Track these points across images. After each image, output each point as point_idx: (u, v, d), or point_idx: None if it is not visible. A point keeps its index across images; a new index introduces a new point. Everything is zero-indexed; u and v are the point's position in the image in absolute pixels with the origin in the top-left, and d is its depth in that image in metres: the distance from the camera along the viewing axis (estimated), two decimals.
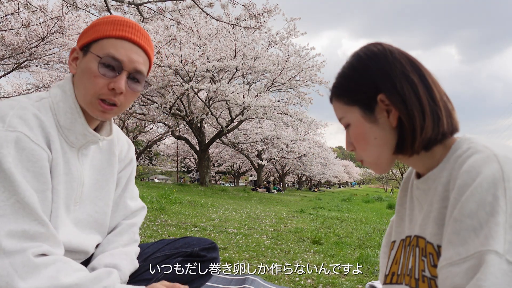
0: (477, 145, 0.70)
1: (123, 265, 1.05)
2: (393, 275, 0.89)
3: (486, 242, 0.59)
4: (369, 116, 0.79)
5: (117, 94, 0.96)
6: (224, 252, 2.85)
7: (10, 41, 8.86)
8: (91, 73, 0.94)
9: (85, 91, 0.95)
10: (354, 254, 3.09)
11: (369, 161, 0.84)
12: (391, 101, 0.76)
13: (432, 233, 0.74)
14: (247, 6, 4.98)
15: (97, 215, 1.08)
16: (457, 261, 0.62)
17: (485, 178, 0.63)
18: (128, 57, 0.96)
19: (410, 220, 0.88)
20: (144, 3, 4.41)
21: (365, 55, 0.80)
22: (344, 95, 0.82)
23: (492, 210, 0.60)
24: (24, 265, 0.78)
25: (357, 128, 0.81)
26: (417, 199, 0.85)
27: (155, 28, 9.69)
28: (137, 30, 0.99)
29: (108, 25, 0.97)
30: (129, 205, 1.20)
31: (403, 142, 0.77)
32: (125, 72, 0.96)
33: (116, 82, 0.94)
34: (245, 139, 18.54)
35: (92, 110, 0.97)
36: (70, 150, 0.99)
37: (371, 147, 0.81)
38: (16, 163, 0.83)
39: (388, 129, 0.78)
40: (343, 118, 0.84)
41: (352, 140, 0.84)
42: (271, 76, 12.61)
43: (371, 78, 0.78)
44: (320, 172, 34.67)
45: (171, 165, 37.82)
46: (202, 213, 5.38)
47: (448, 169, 0.74)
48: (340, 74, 0.85)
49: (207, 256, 1.24)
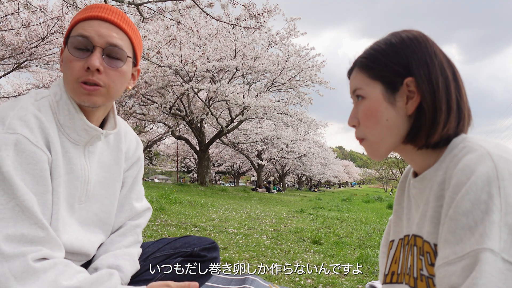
0: (472, 144, 0.70)
1: (125, 266, 1.05)
2: (393, 274, 0.89)
3: (482, 240, 0.59)
4: (389, 96, 0.78)
5: (95, 73, 0.92)
6: (224, 252, 2.85)
7: (10, 41, 8.85)
8: (67, 60, 0.93)
9: (66, 79, 0.94)
10: (354, 254, 3.09)
11: (371, 141, 0.81)
12: (419, 88, 0.75)
13: (428, 232, 0.74)
14: (247, 6, 4.98)
15: (102, 214, 1.07)
16: (454, 260, 0.62)
17: (479, 176, 0.63)
18: (96, 32, 0.92)
19: (408, 219, 0.88)
20: (144, 3, 4.41)
21: (407, 37, 0.79)
22: (372, 68, 0.80)
23: (487, 208, 0.61)
24: (23, 270, 0.77)
25: (373, 104, 0.79)
26: (414, 198, 0.85)
27: (155, 28, 9.69)
28: (107, 9, 0.96)
29: (80, 13, 0.97)
30: (135, 207, 1.18)
31: (418, 132, 0.76)
32: (98, 48, 0.92)
33: (89, 59, 0.91)
34: (245, 139, 18.53)
35: (78, 96, 0.94)
36: (75, 148, 0.97)
37: (379, 127, 0.79)
38: (16, 166, 0.82)
39: (402, 114, 0.78)
40: (360, 89, 0.81)
41: (361, 115, 0.81)
42: (271, 76, 12.62)
43: (407, 59, 0.77)
44: (320, 172, 34.68)
45: (171, 165, 37.83)
46: (202, 213, 5.38)
47: (443, 168, 0.74)
48: (372, 47, 0.83)
49: (207, 256, 1.24)
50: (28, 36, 9.00)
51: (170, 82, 11.68)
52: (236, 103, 11.24)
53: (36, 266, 0.79)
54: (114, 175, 1.10)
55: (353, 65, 0.86)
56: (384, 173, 38.17)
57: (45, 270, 0.80)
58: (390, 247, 0.94)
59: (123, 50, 0.96)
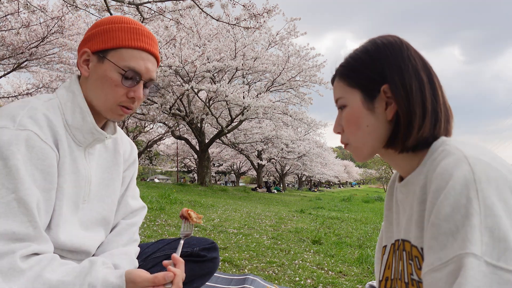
0: (450, 147, 0.71)
1: (123, 265, 1.05)
2: (387, 280, 0.89)
3: (464, 245, 0.59)
4: (368, 103, 0.79)
5: (135, 101, 1.02)
6: (224, 252, 2.85)
7: (10, 41, 8.85)
8: (111, 82, 0.98)
9: (105, 97, 1.00)
10: (354, 254, 3.09)
11: (354, 146, 0.84)
12: (393, 94, 0.76)
13: (415, 236, 0.74)
14: (247, 6, 4.98)
15: (105, 213, 1.09)
16: (438, 266, 0.62)
17: (457, 180, 0.63)
18: (146, 68, 1.01)
19: (397, 224, 0.89)
20: (144, 3, 4.41)
21: (382, 43, 0.80)
22: (349, 76, 0.82)
23: (466, 212, 0.61)
24: (9, 267, 0.79)
25: (353, 111, 0.81)
26: (401, 202, 0.86)
27: (155, 28, 9.68)
28: (151, 39, 1.04)
29: (124, 33, 1.00)
30: (130, 204, 1.21)
31: (396, 137, 0.78)
32: (142, 82, 1.01)
33: (136, 91, 1.00)
34: (245, 139, 18.53)
35: (111, 115, 1.02)
36: (78, 149, 1.01)
37: (360, 133, 0.81)
38: (26, 161, 0.85)
39: (382, 120, 0.79)
40: (341, 98, 0.84)
41: (344, 122, 0.84)
42: (271, 76, 12.61)
43: (381, 66, 0.78)
44: (320, 172, 34.67)
45: (171, 165, 37.82)
46: (202, 213, 5.38)
47: (424, 172, 0.74)
48: (351, 55, 0.84)
49: (207, 256, 1.24)
50: (28, 36, 9.00)
51: (170, 82, 11.68)
52: (236, 103, 11.24)
53: (24, 263, 0.81)
54: (113, 176, 1.13)
55: (334, 74, 0.88)
56: (384, 173, 38.14)
57: (31, 267, 0.81)
58: (383, 253, 0.94)
59: (155, 82, 1.07)
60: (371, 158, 0.87)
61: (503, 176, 0.64)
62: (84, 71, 1.01)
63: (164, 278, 0.88)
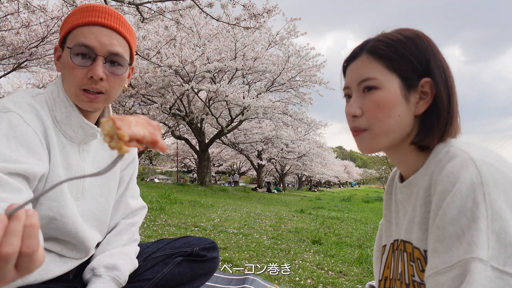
0: (455, 149, 0.70)
1: (122, 265, 1.05)
2: (386, 280, 0.89)
3: (470, 249, 0.58)
4: (405, 92, 0.75)
5: (98, 82, 0.94)
6: (224, 252, 2.85)
7: (10, 41, 8.85)
8: (68, 66, 0.93)
9: (68, 85, 0.95)
10: (354, 254, 3.09)
11: (376, 132, 0.77)
12: (436, 90, 0.75)
13: (418, 238, 0.73)
14: (247, 6, 4.99)
15: (97, 212, 1.07)
16: (443, 270, 0.62)
17: (463, 183, 0.62)
18: (98, 41, 0.93)
19: (396, 223, 0.88)
20: (144, 3, 4.41)
21: (424, 36, 0.78)
22: (392, 59, 0.76)
23: (473, 216, 0.60)
24: None
25: (389, 97, 0.75)
26: (401, 202, 0.84)
27: (155, 28, 9.68)
28: (106, 13, 0.96)
29: (76, 14, 0.96)
30: (130, 204, 1.19)
31: (430, 134, 0.75)
32: (100, 58, 0.93)
33: (93, 69, 0.92)
34: (245, 139, 18.54)
35: (79, 102, 0.96)
36: (70, 145, 0.99)
37: (389, 121, 0.75)
38: (9, 138, 0.82)
39: (411, 114, 0.76)
40: (373, 79, 0.76)
41: (372, 105, 0.76)
42: (271, 76, 12.62)
43: (427, 59, 0.75)
44: (320, 172, 34.65)
45: (171, 165, 37.83)
46: (202, 213, 5.38)
47: (428, 174, 0.73)
48: (389, 37, 0.78)
49: (207, 256, 1.24)
50: (28, 36, 9.00)
51: (170, 82, 11.68)
52: (236, 103, 11.24)
53: None
54: (109, 175, 1.11)
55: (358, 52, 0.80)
56: (384, 173, 38.13)
57: None
58: (383, 252, 0.94)
59: (123, 58, 0.97)
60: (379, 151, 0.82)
61: (509, 179, 0.63)
62: (58, 67, 1.00)
63: None
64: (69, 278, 1.05)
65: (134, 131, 0.50)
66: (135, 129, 0.50)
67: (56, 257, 0.99)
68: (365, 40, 0.81)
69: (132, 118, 0.52)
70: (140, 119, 0.53)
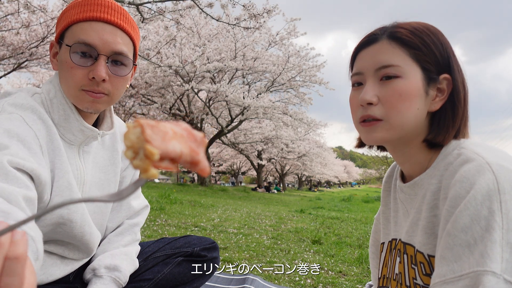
0: (467, 151, 0.67)
1: (123, 266, 1.04)
2: (384, 278, 0.87)
3: (483, 261, 0.56)
4: (426, 86, 0.72)
5: (100, 83, 0.85)
6: (224, 252, 2.85)
7: (10, 41, 8.85)
8: (67, 65, 0.85)
9: (67, 85, 0.87)
10: (354, 254, 3.09)
11: (392, 124, 0.71)
12: (453, 87, 0.73)
13: (421, 242, 0.71)
14: (247, 6, 4.98)
15: (95, 215, 1.05)
16: (451, 279, 0.59)
17: (479, 190, 0.59)
18: (101, 39, 0.84)
19: (395, 222, 0.86)
20: (144, 3, 4.41)
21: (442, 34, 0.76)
22: (417, 48, 0.71)
23: (487, 225, 0.57)
24: None
25: (411, 87, 0.71)
26: (402, 202, 0.82)
27: (155, 28, 9.69)
28: (109, 8, 0.87)
29: (76, 8, 0.87)
30: (132, 205, 1.18)
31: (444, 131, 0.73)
32: (102, 57, 0.85)
33: (94, 70, 0.84)
34: (245, 139, 18.53)
35: (80, 104, 0.88)
36: (69, 148, 0.93)
37: (408, 113, 0.71)
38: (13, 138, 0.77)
39: (427, 109, 0.74)
40: (396, 67, 0.71)
41: (393, 94, 0.70)
42: (271, 76, 12.61)
43: (448, 55, 0.74)
44: (320, 172, 34.66)
45: None
46: (202, 213, 5.38)
47: (437, 176, 0.70)
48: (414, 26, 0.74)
49: (207, 256, 1.24)
50: (28, 36, 9.00)
51: (170, 82, 11.68)
52: (236, 103, 11.24)
53: None
54: (109, 176, 1.08)
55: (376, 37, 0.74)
56: (384, 173, 38.05)
57: None
58: (381, 250, 0.92)
59: (127, 57, 0.90)
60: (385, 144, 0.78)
61: None
62: (54, 65, 0.93)
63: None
64: (70, 280, 1.05)
65: (168, 148, 0.34)
66: (171, 144, 0.35)
67: (57, 260, 0.98)
68: (382, 26, 0.76)
69: (169, 126, 0.37)
70: (179, 128, 0.38)
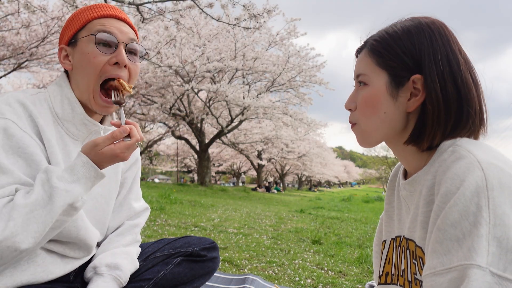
0: (461, 149, 0.68)
1: (124, 265, 1.05)
2: (387, 275, 0.88)
3: (469, 255, 0.58)
4: (393, 90, 0.74)
5: (121, 68, 0.97)
6: (224, 252, 2.85)
7: (10, 41, 8.86)
8: (89, 55, 0.95)
9: (87, 77, 0.96)
10: (354, 254, 3.09)
11: (363, 129, 0.78)
12: (426, 87, 0.71)
13: (420, 237, 0.73)
14: (247, 7, 4.98)
15: (95, 211, 1.06)
16: (441, 271, 0.62)
17: (468, 187, 0.61)
18: (118, 29, 0.98)
19: (398, 219, 0.87)
20: (144, 3, 4.41)
21: (426, 25, 0.74)
22: (381, 55, 0.75)
23: (475, 221, 0.59)
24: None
25: (374, 93, 0.75)
26: (404, 199, 0.84)
27: (155, 28, 9.69)
28: (115, 9, 1.02)
29: (87, 11, 0.99)
30: (134, 207, 1.19)
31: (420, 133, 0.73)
32: (122, 44, 0.97)
33: (118, 55, 0.96)
34: (245, 139, 18.54)
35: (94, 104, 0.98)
36: (73, 143, 0.98)
37: (375, 118, 0.75)
38: (6, 150, 0.83)
39: (402, 110, 0.74)
40: (363, 75, 0.77)
41: (360, 101, 0.77)
42: (271, 76, 12.61)
43: (420, 53, 0.72)
44: (320, 172, 34.69)
45: (171, 165, 37.80)
46: (202, 213, 5.38)
47: (432, 173, 0.72)
48: (387, 30, 0.76)
49: (207, 256, 1.24)
50: (28, 36, 9.00)
51: (170, 82, 11.68)
52: (236, 103, 11.25)
53: None
54: (110, 175, 1.10)
55: (363, 46, 0.80)
56: (384, 173, 38.10)
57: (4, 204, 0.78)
58: (383, 247, 0.93)
59: (140, 45, 1.03)
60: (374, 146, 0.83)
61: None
62: (67, 66, 1.00)
63: (121, 132, 0.87)
64: (70, 279, 1.05)
65: None
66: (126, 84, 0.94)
67: (57, 258, 0.98)
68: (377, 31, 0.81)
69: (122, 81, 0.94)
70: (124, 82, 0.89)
